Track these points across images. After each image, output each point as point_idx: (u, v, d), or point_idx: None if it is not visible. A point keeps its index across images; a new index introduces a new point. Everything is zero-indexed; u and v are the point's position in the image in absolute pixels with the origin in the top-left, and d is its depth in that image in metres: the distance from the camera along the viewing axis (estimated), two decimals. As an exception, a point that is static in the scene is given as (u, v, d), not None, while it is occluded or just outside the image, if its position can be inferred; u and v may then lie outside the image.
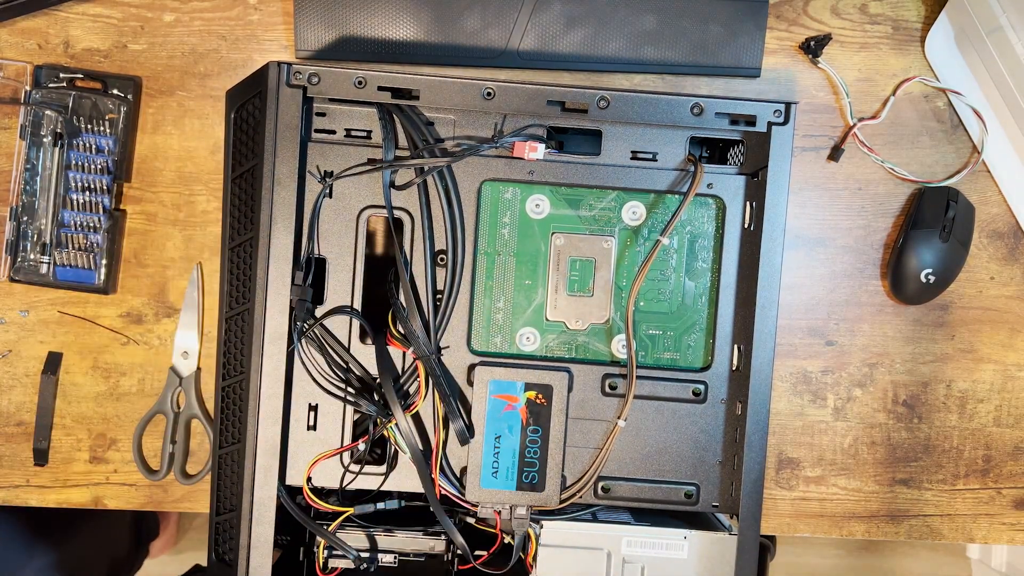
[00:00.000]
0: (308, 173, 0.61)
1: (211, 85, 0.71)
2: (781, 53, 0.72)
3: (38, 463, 0.72)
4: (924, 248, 0.70)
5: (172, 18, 0.71)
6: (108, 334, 0.72)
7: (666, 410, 0.63)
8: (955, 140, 0.73)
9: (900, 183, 0.73)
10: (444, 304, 0.62)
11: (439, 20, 0.69)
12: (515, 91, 0.59)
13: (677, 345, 0.64)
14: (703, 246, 0.64)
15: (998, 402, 0.74)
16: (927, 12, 0.72)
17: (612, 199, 0.63)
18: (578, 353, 0.64)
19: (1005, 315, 0.74)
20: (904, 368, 0.74)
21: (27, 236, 0.70)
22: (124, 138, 0.70)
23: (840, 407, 0.74)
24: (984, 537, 0.75)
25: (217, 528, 0.61)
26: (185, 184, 0.72)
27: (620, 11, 0.69)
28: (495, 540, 0.62)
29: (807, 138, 0.73)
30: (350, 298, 0.62)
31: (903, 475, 0.74)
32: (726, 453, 0.63)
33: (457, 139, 0.62)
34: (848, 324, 0.73)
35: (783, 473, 0.74)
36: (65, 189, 0.70)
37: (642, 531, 0.61)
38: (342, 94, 0.59)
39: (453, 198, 0.62)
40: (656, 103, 0.60)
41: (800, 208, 0.73)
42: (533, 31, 0.70)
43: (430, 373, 0.61)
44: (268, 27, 0.71)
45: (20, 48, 0.71)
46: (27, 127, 0.70)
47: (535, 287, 0.63)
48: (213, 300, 0.72)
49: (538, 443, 0.61)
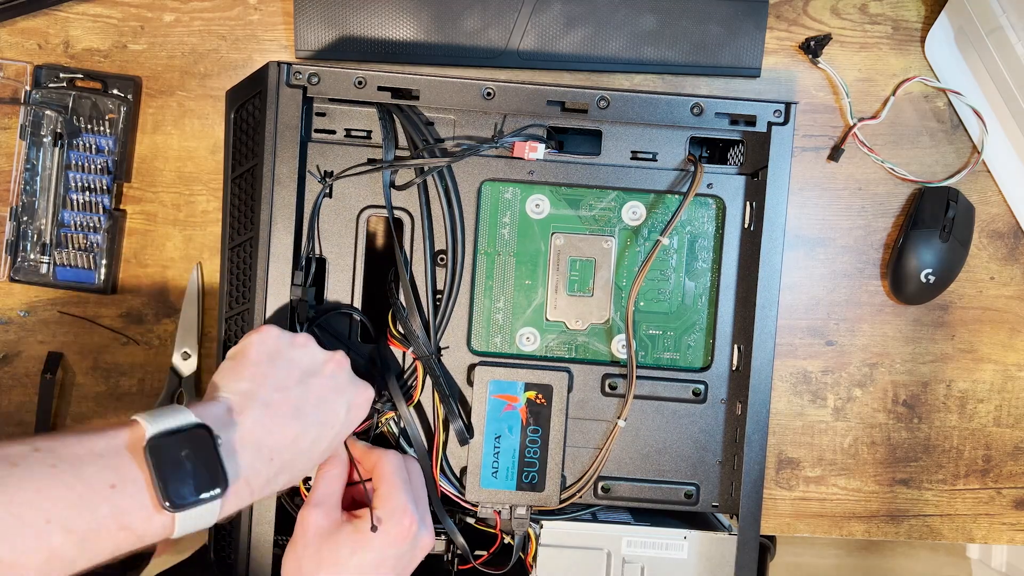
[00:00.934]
0: (308, 173, 0.61)
1: (211, 85, 0.71)
2: (781, 53, 0.72)
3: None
4: (924, 248, 0.70)
5: (172, 18, 0.71)
6: (108, 334, 0.72)
7: (666, 410, 0.63)
8: (955, 140, 0.73)
9: (900, 183, 0.73)
10: (444, 304, 0.62)
11: (439, 20, 0.69)
12: (515, 91, 0.59)
13: (677, 345, 0.64)
14: (703, 246, 0.64)
15: (998, 402, 0.74)
16: (927, 12, 0.72)
17: (612, 199, 0.63)
18: (578, 353, 0.64)
19: (1005, 315, 0.74)
20: (904, 368, 0.74)
21: (27, 236, 0.70)
22: (124, 138, 0.70)
23: (840, 407, 0.74)
24: (984, 537, 0.75)
25: (217, 528, 0.61)
26: (185, 184, 0.72)
27: (620, 11, 0.69)
28: (495, 540, 0.62)
29: (807, 138, 0.73)
30: (350, 298, 0.62)
31: (903, 475, 0.74)
32: (726, 453, 0.63)
33: (457, 139, 0.62)
34: (848, 324, 0.73)
35: (783, 473, 0.74)
36: (65, 189, 0.70)
37: (642, 531, 0.61)
38: (342, 94, 0.59)
39: (453, 198, 0.62)
40: (656, 103, 0.60)
41: (800, 208, 0.73)
42: (533, 31, 0.70)
43: (430, 373, 0.61)
44: (268, 27, 0.71)
45: (20, 48, 0.71)
46: (27, 127, 0.70)
47: (535, 287, 0.63)
48: (213, 300, 0.72)
49: (538, 443, 0.61)
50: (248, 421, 0.48)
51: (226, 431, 0.47)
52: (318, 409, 0.52)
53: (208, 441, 0.46)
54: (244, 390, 0.50)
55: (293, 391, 0.51)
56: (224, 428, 0.47)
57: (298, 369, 0.52)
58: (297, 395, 0.51)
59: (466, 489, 0.61)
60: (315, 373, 0.53)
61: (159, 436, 0.44)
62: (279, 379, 0.51)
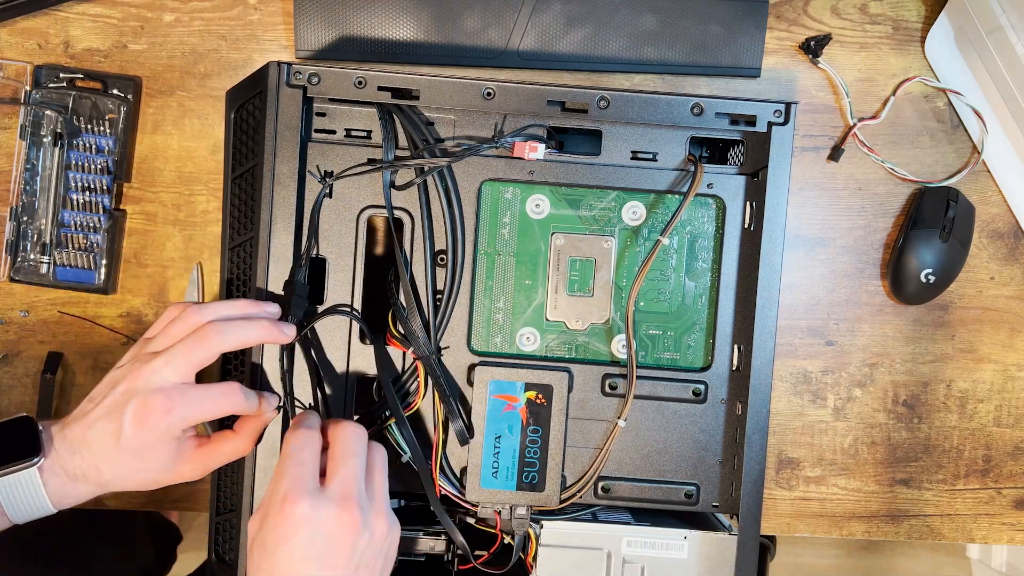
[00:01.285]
0: (308, 173, 0.61)
1: (211, 85, 0.71)
2: (781, 53, 0.72)
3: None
4: (924, 248, 0.70)
5: (172, 18, 0.71)
6: (108, 334, 0.72)
7: (666, 410, 0.63)
8: (955, 140, 0.73)
9: (900, 183, 0.73)
10: (444, 304, 0.62)
11: (439, 20, 0.69)
12: (515, 91, 0.59)
13: (677, 345, 0.64)
14: (703, 246, 0.64)
15: (998, 402, 0.74)
16: (927, 12, 0.72)
17: (612, 199, 0.63)
18: (578, 353, 0.64)
19: (1005, 315, 0.74)
20: (904, 368, 0.74)
21: (27, 236, 0.70)
22: (124, 138, 0.70)
23: (840, 407, 0.74)
24: (984, 537, 0.75)
25: (217, 528, 0.61)
26: (185, 184, 0.72)
27: (620, 11, 0.69)
28: (495, 540, 0.62)
29: (807, 138, 0.73)
30: (350, 298, 0.62)
31: (903, 475, 0.74)
32: (726, 453, 0.63)
33: (457, 139, 0.62)
34: (848, 324, 0.73)
35: (783, 473, 0.74)
36: (65, 189, 0.70)
37: (642, 531, 0.61)
38: (342, 94, 0.59)
39: (453, 198, 0.62)
40: (656, 103, 0.60)
41: (800, 208, 0.73)
42: (533, 31, 0.70)
43: (430, 373, 0.61)
44: (268, 27, 0.71)
45: (20, 48, 0.71)
46: (27, 127, 0.70)
47: (535, 287, 0.63)
48: (213, 300, 0.72)
49: (538, 443, 0.61)
50: (70, 418, 0.55)
51: (52, 426, 0.54)
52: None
53: (28, 424, 0.54)
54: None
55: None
56: (52, 425, 0.55)
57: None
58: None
59: (466, 489, 0.61)
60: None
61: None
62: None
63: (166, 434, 0.53)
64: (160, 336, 0.55)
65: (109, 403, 0.53)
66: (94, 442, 0.53)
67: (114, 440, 0.52)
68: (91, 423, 0.53)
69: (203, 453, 0.55)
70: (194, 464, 0.55)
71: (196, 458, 0.55)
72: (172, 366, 0.53)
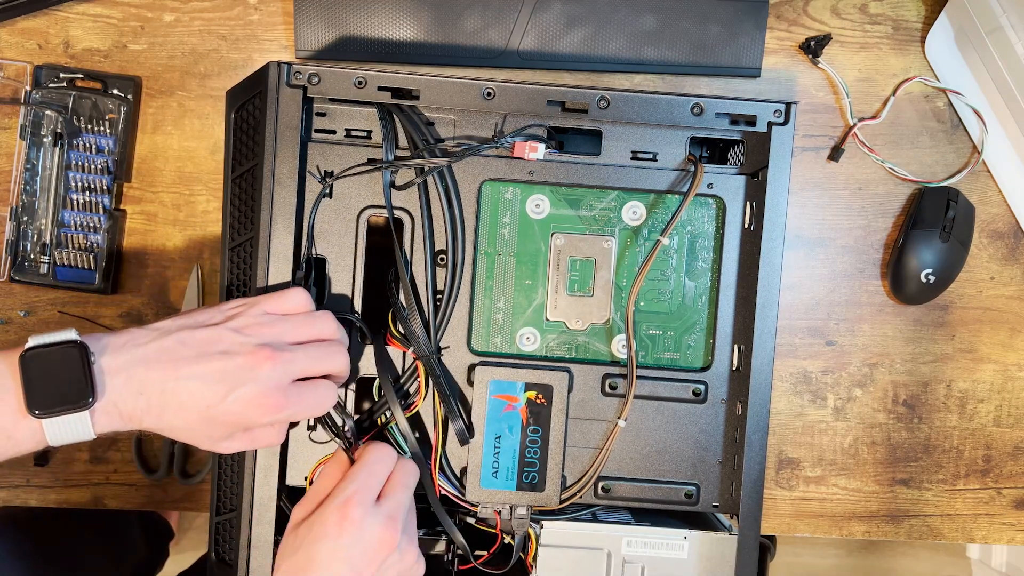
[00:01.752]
0: (308, 173, 0.61)
1: (211, 85, 0.71)
2: (781, 53, 0.72)
3: (38, 463, 0.72)
4: (924, 248, 0.70)
5: (172, 18, 0.71)
6: (108, 334, 0.72)
7: (666, 410, 0.63)
8: (955, 140, 0.73)
9: (900, 183, 0.73)
10: (444, 304, 0.62)
11: (439, 20, 0.69)
12: (515, 91, 0.59)
13: (677, 345, 0.64)
14: (703, 246, 0.64)
15: (998, 402, 0.74)
16: (927, 12, 0.72)
17: (612, 199, 0.63)
18: (578, 353, 0.64)
19: (1005, 315, 0.74)
20: (904, 368, 0.74)
21: (27, 236, 0.70)
22: (124, 138, 0.70)
23: (840, 407, 0.74)
24: (984, 537, 0.75)
25: (217, 528, 0.61)
26: (185, 184, 0.72)
27: (620, 11, 0.69)
28: (495, 540, 0.62)
29: (807, 138, 0.73)
30: (350, 298, 0.62)
31: (903, 475, 0.74)
32: (726, 453, 0.63)
33: (457, 139, 0.62)
34: (848, 324, 0.73)
35: (783, 473, 0.74)
36: (65, 189, 0.70)
37: (642, 531, 0.61)
38: (342, 94, 0.59)
39: (453, 198, 0.62)
40: (656, 103, 0.60)
41: (800, 208, 0.73)
42: (533, 31, 0.70)
43: (430, 373, 0.61)
44: (268, 27, 0.71)
45: (20, 48, 0.71)
46: (27, 127, 0.70)
47: (535, 287, 0.63)
48: (213, 300, 0.71)
49: (538, 443, 0.61)
50: (136, 352, 0.50)
51: (104, 355, 0.49)
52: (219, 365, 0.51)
53: (78, 357, 0.48)
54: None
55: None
56: (103, 352, 0.49)
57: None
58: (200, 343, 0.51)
59: (466, 489, 0.61)
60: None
61: (34, 348, 0.49)
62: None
63: (254, 424, 0.53)
64: (286, 324, 0.54)
65: (218, 368, 0.50)
66: (174, 395, 0.50)
67: (204, 406, 0.50)
68: (182, 376, 0.50)
69: (248, 437, 0.55)
70: (241, 442, 0.55)
71: (246, 438, 0.55)
72: (299, 368, 0.53)
